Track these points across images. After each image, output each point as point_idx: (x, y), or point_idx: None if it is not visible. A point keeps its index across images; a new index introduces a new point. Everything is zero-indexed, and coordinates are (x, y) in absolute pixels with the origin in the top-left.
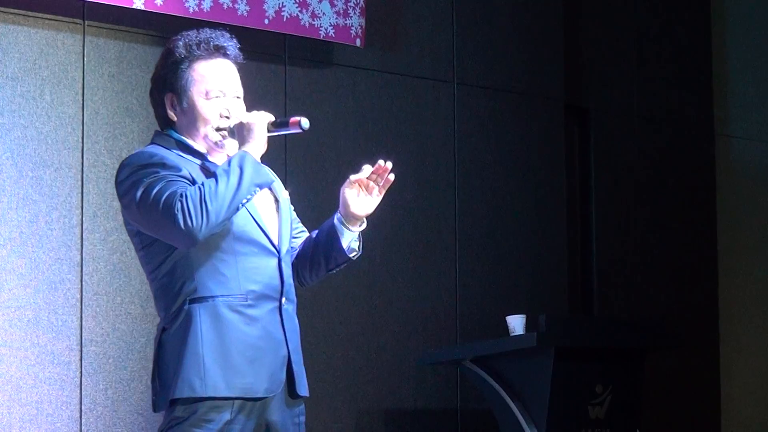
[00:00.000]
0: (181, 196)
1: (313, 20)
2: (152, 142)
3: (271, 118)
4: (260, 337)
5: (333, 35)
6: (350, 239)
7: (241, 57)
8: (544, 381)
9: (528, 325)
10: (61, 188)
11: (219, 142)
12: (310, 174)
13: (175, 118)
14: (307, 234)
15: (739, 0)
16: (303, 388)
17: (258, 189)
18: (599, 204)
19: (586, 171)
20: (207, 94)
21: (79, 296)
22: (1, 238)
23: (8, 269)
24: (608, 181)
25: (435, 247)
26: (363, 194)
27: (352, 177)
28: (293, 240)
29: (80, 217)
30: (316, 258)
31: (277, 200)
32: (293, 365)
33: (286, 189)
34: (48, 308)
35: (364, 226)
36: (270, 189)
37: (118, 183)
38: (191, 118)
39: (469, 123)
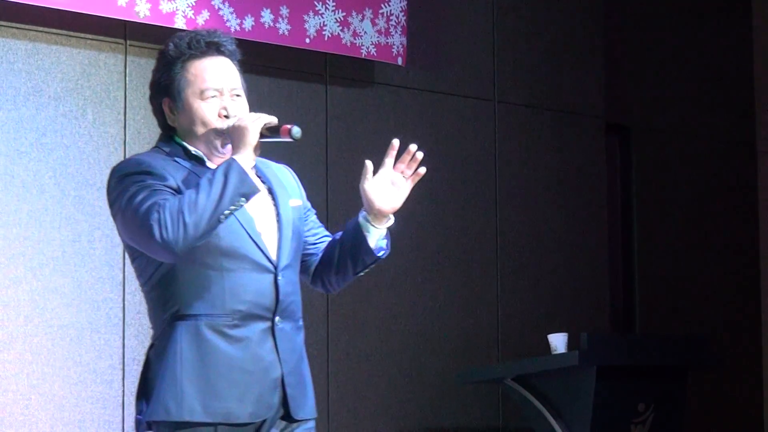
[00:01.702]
0: (159, 206)
1: (355, 39)
2: (155, 146)
3: (272, 120)
4: (245, 359)
5: (374, 54)
6: (377, 237)
7: (239, 54)
8: (587, 399)
9: (570, 344)
10: (104, 208)
11: (223, 144)
12: (351, 193)
13: (174, 124)
14: (330, 238)
15: None
16: (301, 412)
17: (244, 200)
18: (641, 222)
19: (627, 189)
20: (202, 93)
21: (121, 315)
22: (44, 258)
23: (51, 288)
24: (650, 199)
25: (476, 266)
26: (389, 187)
27: (369, 173)
28: (315, 246)
29: None
30: (343, 261)
31: (278, 212)
32: (287, 388)
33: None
34: (90, 327)
35: (392, 222)
36: (273, 197)
37: (107, 193)
38: (189, 121)
39: (510, 141)
